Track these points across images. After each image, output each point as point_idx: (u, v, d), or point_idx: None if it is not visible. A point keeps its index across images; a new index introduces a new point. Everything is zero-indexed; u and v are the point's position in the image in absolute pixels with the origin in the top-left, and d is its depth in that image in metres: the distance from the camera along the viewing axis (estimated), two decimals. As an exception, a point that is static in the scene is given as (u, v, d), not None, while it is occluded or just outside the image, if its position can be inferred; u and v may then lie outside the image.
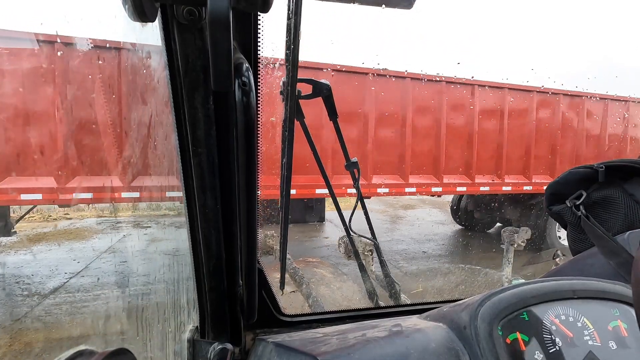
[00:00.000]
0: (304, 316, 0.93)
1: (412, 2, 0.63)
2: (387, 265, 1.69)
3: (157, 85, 0.73)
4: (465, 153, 6.15)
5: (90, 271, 5.27)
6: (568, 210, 0.90)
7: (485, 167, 6.31)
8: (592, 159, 6.42)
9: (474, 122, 6.08)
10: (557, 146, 6.68)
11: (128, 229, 7.88)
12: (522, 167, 6.57)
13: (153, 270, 4.55)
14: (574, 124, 6.78)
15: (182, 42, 0.47)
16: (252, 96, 0.47)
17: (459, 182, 6.20)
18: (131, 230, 7.66)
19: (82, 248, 6.47)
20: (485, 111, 6.17)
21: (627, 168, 0.86)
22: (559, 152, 6.71)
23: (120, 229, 7.93)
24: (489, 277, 4.54)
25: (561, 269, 0.90)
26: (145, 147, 3.37)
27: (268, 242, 3.85)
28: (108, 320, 3.89)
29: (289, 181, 0.99)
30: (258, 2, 0.42)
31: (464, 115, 6.07)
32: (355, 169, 1.34)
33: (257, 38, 0.53)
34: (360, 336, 0.67)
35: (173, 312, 0.92)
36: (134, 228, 7.66)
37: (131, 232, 7.61)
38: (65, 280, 4.86)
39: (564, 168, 6.73)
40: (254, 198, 0.55)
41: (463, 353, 0.59)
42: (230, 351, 0.69)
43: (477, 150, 6.15)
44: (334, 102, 1.18)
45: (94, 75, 4.51)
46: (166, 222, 7.24)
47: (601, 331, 0.60)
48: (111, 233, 7.65)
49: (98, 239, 7.14)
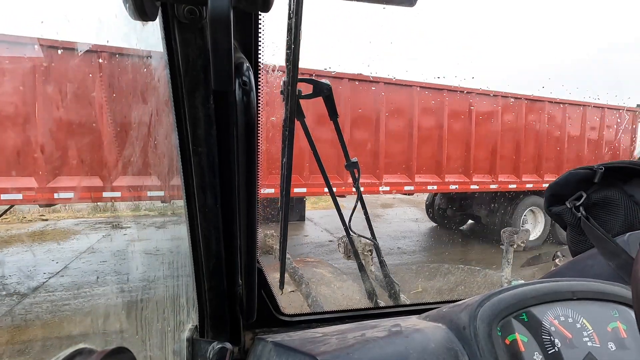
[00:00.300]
0: (304, 316, 0.93)
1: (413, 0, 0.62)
2: (386, 265, 1.69)
3: (157, 85, 0.73)
4: (435, 154, 6.62)
5: (90, 270, 5.27)
6: (568, 212, 0.90)
7: (455, 167, 6.78)
8: (553, 159, 7.53)
9: (443, 124, 6.57)
10: (520, 147, 7.22)
11: (128, 228, 7.88)
12: (488, 166, 7.09)
13: (152, 269, 4.55)
14: (535, 126, 7.35)
15: (182, 41, 0.47)
16: (252, 96, 0.47)
17: (430, 181, 6.64)
18: (131, 229, 7.66)
19: (81, 247, 6.47)
20: (454, 114, 6.65)
21: (626, 169, 0.86)
22: (522, 152, 7.25)
23: (120, 228, 7.93)
24: (488, 277, 4.54)
25: (561, 270, 0.90)
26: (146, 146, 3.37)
27: (268, 242, 3.85)
28: (107, 318, 3.89)
29: (289, 181, 0.99)
30: (259, 2, 0.42)
31: (434, 118, 6.55)
32: (355, 169, 1.34)
33: (257, 38, 0.53)
34: (360, 336, 0.67)
35: (172, 311, 0.92)
36: (134, 227, 7.66)
37: (131, 231, 7.62)
38: (65, 279, 4.87)
39: (526, 167, 7.38)
40: (254, 197, 0.55)
41: (462, 353, 0.59)
42: (229, 350, 0.69)
43: (447, 151, 6.64)
44: (334, 102, 1.18)
45: (94, 74, 4.51)
46: (166, 221, 7.24)
47: (600, 332, 0.60)
48: (111, 232, 7.65)
49: (97, 238, 7.14)
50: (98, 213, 9.08)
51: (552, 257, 2.88)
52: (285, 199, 1.04)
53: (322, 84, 1.14)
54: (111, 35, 4.28)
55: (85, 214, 9.12)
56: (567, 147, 7.63)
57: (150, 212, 8.20)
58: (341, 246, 3.46)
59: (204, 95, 0.51)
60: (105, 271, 5.26)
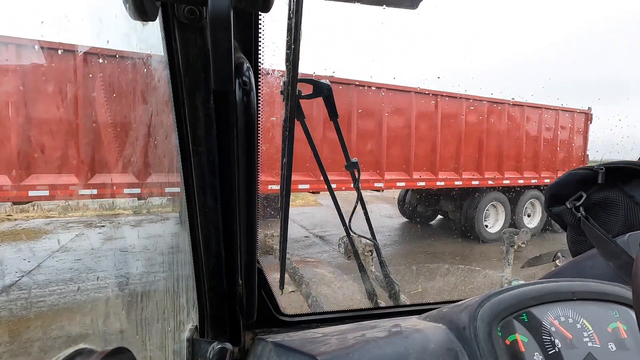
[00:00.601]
0: (304, 316, 0.93)
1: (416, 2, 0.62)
2: (386, 266, 1.69)
3: (157, 84, 0.73)
4: (404, 152, 7.11)
5: (89, 269, 5.27)
6: (568, 212, 0.90)
7: (422, 165, 7.30)
8: (513, 157, 8.18)
9: (411, 125, 7.07)
10: (482, 146, 7.81)
11: (128, 227, 7.88)
12: (453, 164, 7.60)
13: (152, 269, 4.55)
14: (497, 126, 7.96)
15: (182, 41, 0.47)
16: (252, 96, 0.47)
17: (399, 178, 7.09)
18: (131, 228, 7.66)
19: (81, 246, 6.47)
20: (421, 115, 7.18)
21: (627, 170, 0.86)
22: (484, 151, 7.84)
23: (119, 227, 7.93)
24: (488, 278, 4.54)
25: (561, 271, 0.89)
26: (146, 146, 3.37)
27: (268, 242, 3.86)
28: (107, 318, 3.89)
29: (289, 181, 0.99)
30: (259, 2, 0.42)
31: (403, 119, 7.04)
32: (355, 169, 1.34)
33: (257, 37, 0.53)
34: (360, 336, 0.67)
35: (172, 311, 0.92)
36: (134, 226, 7.66)
37: (131, 230, 7.61)
38: (63, 278, 4.86)
39: (489, 165, 7.81)
40: (254, 197, 0.55)
41: (462, 354, 0.59)
42: (229, 351, 0.69)
43: (415, 150, 7.15)
44: (334, 102, 1.18)
45: (95, 74, 4.51)
46: (166, 220, 7.25)
47: (600, 333, 0.60)
48: (111, 231, 7.65)
49: (97, 237, 7.14)
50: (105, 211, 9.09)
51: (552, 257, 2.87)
52: (286, 199, 1.04)
53: (322, 84, 1.14)
54: (111, 35, 4.28)
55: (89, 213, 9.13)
56: (525, 146, 8.25)
57: (150, 211, 8.21)
58: (341, 246, 3.46)
59: (204, 95, 0.51)
60: (105, 270, 5.26)
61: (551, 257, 2.90)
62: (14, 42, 4.28)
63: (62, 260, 5.63)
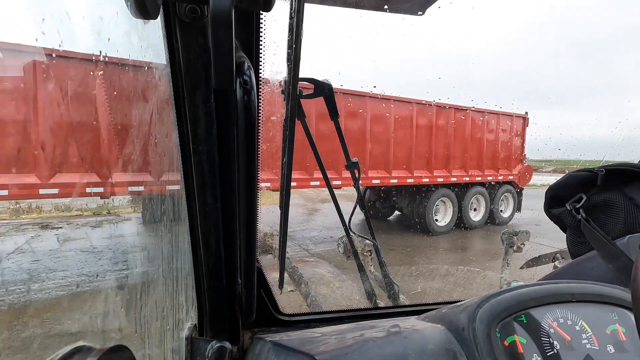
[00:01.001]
0: (303, 315, 0.93)
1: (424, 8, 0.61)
2: (386, 266, 1.69)
3: (158, 83, 0.73)
4: (360, 151, 7.62)
5: (88, 266, 5.26)
6: (568, 214, 0.90)
7: (376, 164, 7.91)
8: (459, 157, 8.91)
9: (366, 127, 7.67)
10: (431, 146, 8.56)
11: (127, 225, 7.89)
12: (405, 163, 8.30)
13: (152, 268, 4.55)
14: (445, 129, 8.76)
15: (184, 39, 0.47)
16: (253, 95, 0.47)
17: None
18: (131, 227, 7.66)
19: (79, 244, 6.47)
20: (376, 118, 7.76)
21: (627, 172, 0.86)
22: (434, 151, 8.59)
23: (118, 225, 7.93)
24: (487, 279, 4.54)
25: (560, 272, 0.89)
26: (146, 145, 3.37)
27: (267, 242, 3.85)
28: (106, 316, 3.89)
29: (289, 180, 0.99)
30: (260, 1, 0.42)
31: (358, 122, 7.62)
32: (355, 169, 1.34)
33: (259, 37, 0.53)
34: (359, 336, 0.67)
35: (171, 309, 0.92)
36: (134, 225, 7.66)
37: (131, 229, 7.62)
38: (63, 274, 4.87)
39: (437, 163, 8.47)
40: (254, 197, 0.55)
41: (461, 354, 0.59)
42: (228, 350, 0.69)
43: (370, 150, 7.73)
44: (335, 101, 1.18)
45: (94, 72, 4.51)
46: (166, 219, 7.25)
47: (599, 335, 0.60)
48: (111, 230, 7.65)
49: (96, 235, 7.14)
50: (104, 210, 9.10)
51: (551, 259, 2.87)
52: (286, 198, 1.04)
53: (323, 83, 1.13)
54: (112, 33, 4.27)
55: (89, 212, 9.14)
56: (470, 146, 9.09)
57: (150, 210, 8.20)
58: (341, 246, 3.46)
59: (205, 94, 0.51)
60: (104, 269, 5.26)
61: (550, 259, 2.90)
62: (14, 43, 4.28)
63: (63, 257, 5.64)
